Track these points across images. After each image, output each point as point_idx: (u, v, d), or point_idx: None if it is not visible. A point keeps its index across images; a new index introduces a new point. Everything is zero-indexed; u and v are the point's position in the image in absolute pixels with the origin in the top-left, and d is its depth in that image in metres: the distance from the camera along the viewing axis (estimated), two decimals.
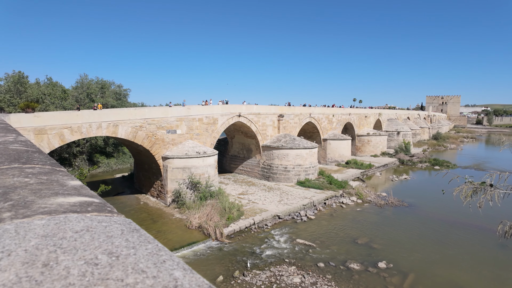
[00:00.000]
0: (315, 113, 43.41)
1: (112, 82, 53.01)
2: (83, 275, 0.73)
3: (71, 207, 1.08)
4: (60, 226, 0.92)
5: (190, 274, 0.79)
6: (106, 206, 1.16)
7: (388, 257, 18.06)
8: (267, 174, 34.81)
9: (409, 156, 52.03)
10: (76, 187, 1.35)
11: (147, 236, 0.97)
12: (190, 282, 0.75)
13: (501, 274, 16.60)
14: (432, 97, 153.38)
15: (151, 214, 24.05)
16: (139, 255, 0.84)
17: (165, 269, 0.78)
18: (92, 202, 1.16)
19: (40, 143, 19.69)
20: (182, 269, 0.80)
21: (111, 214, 1.10)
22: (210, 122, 29.71)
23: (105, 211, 1.10)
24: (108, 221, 1.02)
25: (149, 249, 0.88)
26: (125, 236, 0.93)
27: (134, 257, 0.83)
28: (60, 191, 1.24)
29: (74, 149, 38.51)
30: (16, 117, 19.28)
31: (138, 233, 0.97)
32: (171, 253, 0.89)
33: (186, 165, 25.47)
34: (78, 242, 0.87)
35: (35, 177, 1.42)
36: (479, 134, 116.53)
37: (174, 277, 0.76)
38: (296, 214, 24.91)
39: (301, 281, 15.49)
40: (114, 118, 23.22)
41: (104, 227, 0.96)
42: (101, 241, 0.89)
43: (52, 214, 0.99)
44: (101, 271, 0.75)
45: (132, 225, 1.04)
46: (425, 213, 26.02)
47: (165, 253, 0.87)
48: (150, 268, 0.78)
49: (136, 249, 0.88)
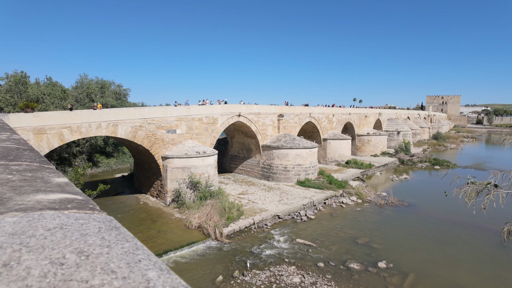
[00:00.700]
0: (315, 113, 43.37)
1: (112, 82, 53.03)
2: (44, 276, 0.68)
3: (49, 204, 1.04)
4: (32, 224, 0.87)
5: (167, 274, 0.75)
6: (89, 204, 1.12)
7: (388, 257, 18.01)
8: (267, 174, 34.78)
9: (409, 156, 51.98)
10: (60, 184, 1.31)
11: (127, 234, 0.93)
12: (165, 283, 0.71)
13: (501, 274, 16.55)
14: (432, 97, 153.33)
15: (150, 214, 24.02)
16: (113, 254, 0.81)
17: (139, 269, 0.75)
18: (73, 199, 1.11)
19: (40, 143, 19.66)
20: (158, 270, 0.76)
21: (92, 211, 1.05)
22: (210, 122, 29.68)
23: (86, 208, 1.06)
24: (86, 218, 0.98)
25: (126, 248, 0.84)
26: (101, 234, 0.88)
27: (106, 256, 0.79)
28: (42, 188, 1.20)
29: (74, 149, 38.51)
30: (15, 117, 19.25)
31: (117, 231, 0.93)
32: (149, 253, 0.84)
33: (186, 165, 25.44)
34: (47, 241, 0.83)
35: (19, 174, 1.38)
36: (479, 134, 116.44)
37: (147, 278, 0.72)
38: (296, 214, 24.87)
39: (301, 281, 15.45)
40: (114, 118, 23.19)
41: (80, 225, 0.91)
42: (73, 239, 0.85)
43: (27, 211, 0.95)
44: (66, 271, 0.71)
45: (112, 222, 0.99)
46: (426, 213, 25.97)
47: (143, 252, 0.82)
48: (121, 268, 0.74)
49: (110, 247, 0.84)
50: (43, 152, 19.92)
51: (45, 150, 20.04)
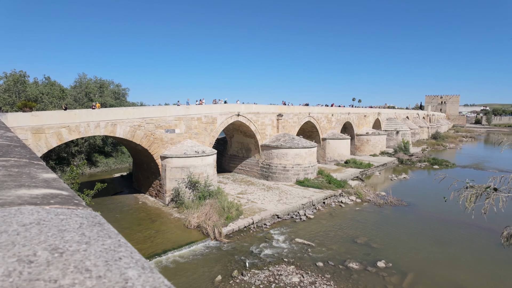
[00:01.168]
0: (314, 112, 43.34)
1: (111, 82, 52.92)
2: (8, 275, 0.63)
3: (30, 199, 0.99)
4: (7, 219, 0.82)
5: (149, 274, 0.70)
6: (74, 199, 1.07)
7: (388, 256, 18.00)
8: (266, 173, 34.74)
9: (408, 155, 52.00)
10: (47, 179, 1.26)
11: (111, 230, 0.88)
12: (145, 283, 0.66)
13: (500, 273, 16.55)
14: (431, 97, 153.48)
15: (149, 214, 23.96)
16: (91, 251, 0.77)
17: (117, 268, 0.70)
18: (58, 195, 1.07)
19: (38, 143, 19.59)
20: (140, 268, 0.71)
21: (76, 206, 1.01)
22: (209, 121, 29.62)
23: (70, 204, 1.01)
24: (68, 214, 0.93)
25: (107, 244, 0.80)
26: (82, 230, 0.84)
27: (83, 253, 0.75)
28: (26, 183, 1.15)
29: (73, 149, 38.39)
30: (13, 116, 19.18)
31: (101, 227, 0.88)
32: (133, 250, 0.80)
33: (184, 164, 25.39)
34: (20, 237, 0.78)
35: (5, 169, 1.34)
36: (478, 133, 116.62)
37: (126, 277, 0.67)
38: (295, 214, 24.84)
39: (300, 280, 15.41)
40: (112, 117, 23.12)
41: (60, 220, 0.87)
42: (49, 235, 0.81)
43: (4, 206, 0.90)
44: (34, 270, 0.66)
45: (97, 218, 0.95)
46: (425, 212, 25.97)
47: (125, 250, 0.77)
48: (98, 267, 0.70)
49: (89, 244, 0.80)
50: (41, 151, 19.85)
51: (44, 149, 19.97)
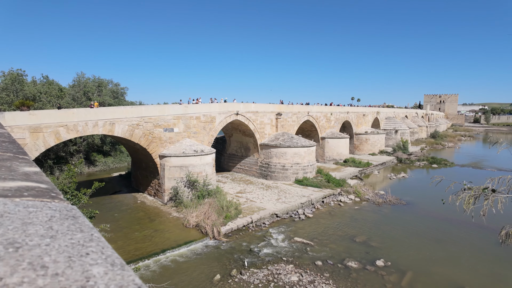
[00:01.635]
0: (313, 111, 43.30)
1: (110, 81, 52.75)
2: None
3: (2, 191, 0.93)
4: None
5: (118, 271, 0.65)
6: (51, 192, 1.01)
7: (386, 255, 17.98)
8: (265, 172, 34.70)
9: (407, 154, 52.05)
10: (28, 173, 1.20)
11: (85, 224, 0.82)
12: (110, 281, 0.60)
13: (499, 272, 16.56)
14: (430, 96, 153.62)
15: (148, 213, 23.89)
16: (54, 246, 0.71)
17: (81, 264, 0.65)
18: (35, 187, 1.01)
19: (36, 142, 19.49)
20: (109, 265, 0.66)
21: (52, 199, 0.95)
22: (207, 120, 29.54)
23: (46, 197, 0.95)
24: (40, 206, 0.88)
25: (76, 239, 0.75)
26: (51, 223, 0.78)
27: (44, 248, 0.69)
28: (2, 176, 1.09)
29: (71, 148, 38.28)
30: (10, 115, 19.07)
31: (74, 220, 0.82)
32: (105, 245, 0.75)
33: (183, 163, 25.32)
34: None
35: None
36: (477, 132, 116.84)
37: (88, 275, 0.61)
38: (294, 213, 24.81)
39: (299, 279, 15.38)
40: (111, 116, 23.03)
41: (28, 213, 0.81)
42: (9, 228, 0.75)
43: None
44: None
45: (72, 212, 0.89)
46: (423, 211, 25.98)
47: (97, 245, 0.73)
48: (57, 263, 0.64)
49: (54, 238, 0.74)
50: (39, 150, 19.76)
51: (41, 148, 19.88)
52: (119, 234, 19.84)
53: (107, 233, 13.93)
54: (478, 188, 7.57)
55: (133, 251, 17.62)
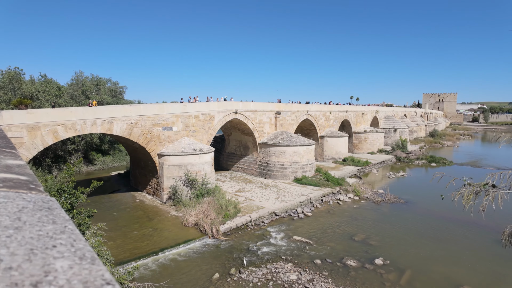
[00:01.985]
0: (312, 110, 43.28)
1: (108, 80, 52.61)
2: None
3: None
4: None
5: (86, 265, 0.60)
6: (31, 184, 0.97)
7: (385, 253, 18.00)
8: (264, 171, 34.68)
9: (406, 153, 52.10)
10: (10, 165, 1.17)
11: (60, 216, 0.78)
12: (74, 276, 0.56)
13: (497, 270, 16.59)
14: (428, 95, 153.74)
15: (147, 212, 23.85)
16: (16, 237, 0.67)
17: (43, 258, 0.61)
18: (13, 179, 0.97)
19: (34, 140, 19.41)
20: (77, 258, 0.62)
21: (29, 191, 0.91)
22: (206, 119, 29.48)
23: (23, 188, 0.91)
24: (13, 197, 0.83)
25: (45, 230, 0.71)
26: (20, 214, 0.73)
27: (3, 240, 0.65)
28: None
29: (69, 147, 38.16)
30: (8, 113, 18.98)
31: (48, 212, 0.78)
32: (78, 238, 0.71)
33: (182, 162, 25.27)
34: None
35: None
36: (475, 131, 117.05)
37: (49, 269, 0.57)
38: (293, 211, 24.80)
39: (298, 278, 15.38)
40: (109, 115, 22.94)
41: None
42: None
43: None
44: None
45: (49, 203, 0.85)
46: (422, 210, 26.01)
47: (68, 237, 0.69)
48: (14, 256, 0.60)
49: (19, 230, 0.70)
50: (37, 149, 19.68)
51: (39, 147, 19.80)
52: (118, 233, 19.80)
53: (105, 232, 13.87)
54: (479, 184, 7.48)
55: (131, 250, 17.59)
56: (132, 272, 12.33)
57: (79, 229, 11.38)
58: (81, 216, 11.58)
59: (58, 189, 11.48)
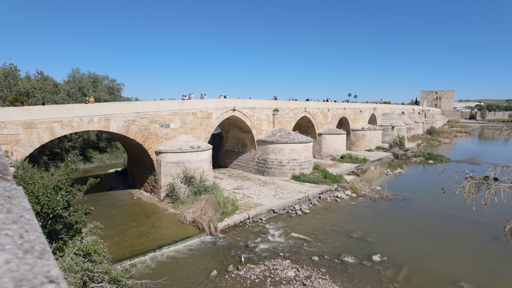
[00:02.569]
0: (310, 107, 43.23)
1: (105, 77, 52.23)
2: None
3: None
4: None
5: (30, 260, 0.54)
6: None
7: (383, 250, 18.06)
8: (262, 168, 34.66)
9: (403, 150, 52.22)
10: None
11: (19, 206, 0.71)
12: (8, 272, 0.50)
13: (495, 266, 16.68)
14: (426, 92, 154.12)
15: (144, 209, 23.77)
16: None
17: None
18: None
19: (30, 137, 19.25)
20: (22, 252, 0.56)
21: None
22: (204, 116, 29.37)
23: None
24: None
25: None
26: None
27: None
28: None
29: (66, 144, 37.92)
30: (3, 110, 18.79)
31: (5, 201, 0.72)
32: (33, 228, 0.65)
33: (180, 159, 25.18)
34: None
35: None
36: (473, 128, 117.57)
37: None
38: (291, 208, 24.82)
39: (296, 274, 15.40)
40: (106, 112, 22.79)
41: None
42: None
43: None
44: None
45: (11, 192, 0.78)
46: (420, 206, 26.10)
47: (20, 228, 0.63)
48: None
49: None
50: (33, 146, 19.53)
51: (36, 144, 19.64)
52: (116, 230, 19.74)
53: (102, 229, 13.79)
54: (481, 177, 7.40)
55: (129, 247, 17.53)
56: (129, 269, 12.26)
57: (76, 227, 11.30)
58: (78, 213, 11.49)
59: (55, 186, 11.38)
